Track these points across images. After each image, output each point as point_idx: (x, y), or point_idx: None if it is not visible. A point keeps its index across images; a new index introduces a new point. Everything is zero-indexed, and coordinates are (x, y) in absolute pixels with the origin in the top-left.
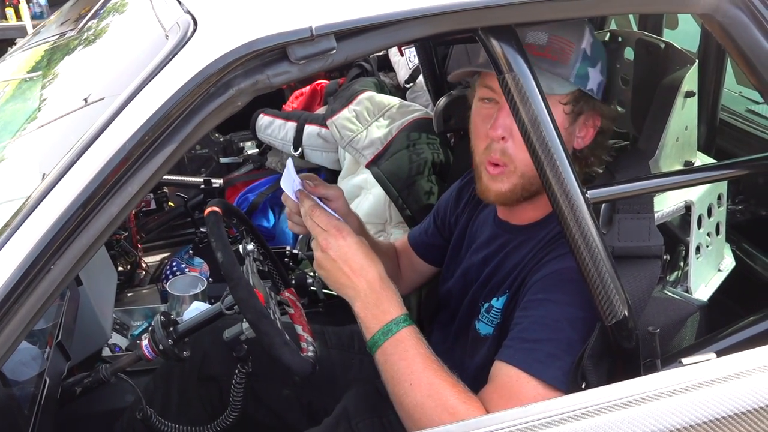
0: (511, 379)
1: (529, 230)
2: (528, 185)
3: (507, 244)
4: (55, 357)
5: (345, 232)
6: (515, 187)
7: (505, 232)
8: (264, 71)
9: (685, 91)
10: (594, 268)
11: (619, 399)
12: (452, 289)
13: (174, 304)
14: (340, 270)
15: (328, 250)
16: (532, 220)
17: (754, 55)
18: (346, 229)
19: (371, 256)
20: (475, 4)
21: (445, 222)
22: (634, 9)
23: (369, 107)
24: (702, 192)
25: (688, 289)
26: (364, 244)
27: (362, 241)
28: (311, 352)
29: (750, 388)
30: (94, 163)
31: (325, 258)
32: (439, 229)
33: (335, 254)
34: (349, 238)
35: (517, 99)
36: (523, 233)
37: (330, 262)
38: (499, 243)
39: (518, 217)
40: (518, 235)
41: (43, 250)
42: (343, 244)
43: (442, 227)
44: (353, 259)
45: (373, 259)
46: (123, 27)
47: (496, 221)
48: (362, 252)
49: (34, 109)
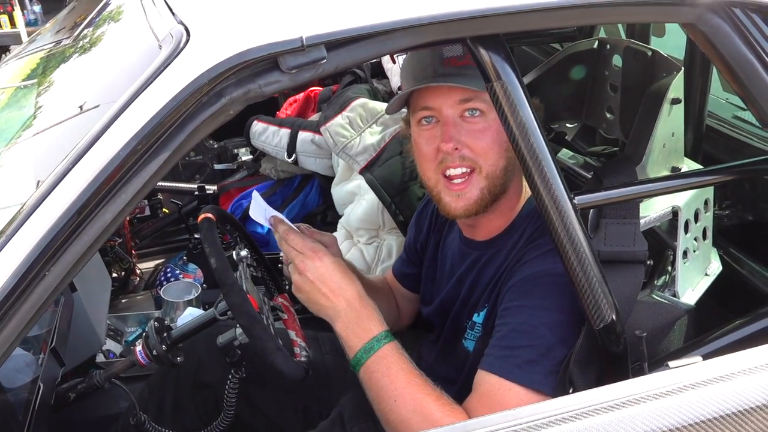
0: (493, 387)
1: (496, 243)
2: (493, 186)
3: (478, 260)
4: (49, 363)
5: (321, 253)
6: (483, 191)
7: (474, 250)
8: (256, 80)
9: (671, 98)
10: (582, 272)
11: (607, 401)
12: (432, 315)
13: (168, 310)
14: (319, 291)
15: (306, 272)
16: (496, 231)
17: (735, 63)
18: (322, 251)
19: (348, 276)
20: (464, 14)
21: (414, 251)
22: (622, 19)
23: (362, 114)
24: (689, 197)
25: (675, 293)
26: (341, 264)
27: (338, 261)
28: (304, 357)
29: (736, 390)
30: (89, 170)
31: (303, 280)
32: (411, 259)
33: (312, 276)
34: (325, 259)
35: (506, 107)
36: (491, 246)
37: (308, 284)
38: (470, 261)
39: (483, 232)
40: (487, 250)
41: (38, 256)
42: (320, 265)
43: (413, 256)
44: (331, 279)
45: (351, 278)
46: (117, 36)
47: (463, 241)
48: (339, 272)
49: (29, 116)
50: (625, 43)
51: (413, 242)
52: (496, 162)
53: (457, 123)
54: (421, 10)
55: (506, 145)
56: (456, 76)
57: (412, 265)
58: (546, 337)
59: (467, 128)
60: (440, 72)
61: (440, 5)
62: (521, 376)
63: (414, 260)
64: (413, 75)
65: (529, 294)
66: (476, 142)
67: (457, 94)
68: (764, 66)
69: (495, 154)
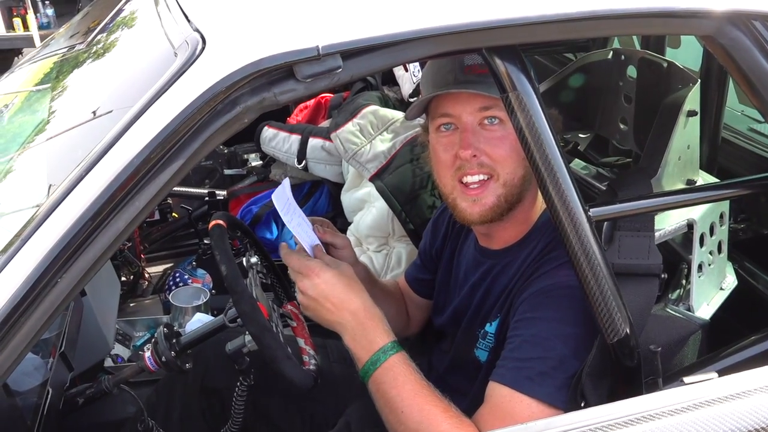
0: (504, 399)
1: (510, 252)
2: (510, 195)
3: (492, 270)
4: (59, 367)
5: (317, 269)
6: (499, 199)
7: (488, 258)
8: (271, 89)
9: (687, 110)
10: (596, 285)
11: (620, 417)
12: (445, 323)
13: (176, 315)
14: (323, 308)
15: (306, 291)
16: (511, 241)
17: (755, 77)
18: (318, 267)
19: (352, 287)
20: (481, 24)
21: (429, 257)
22: (639, 31)
23: (373, 121)
24: (704, 210)
25: (690, 307)
26: (344, 276)
27: (340, 273)
28: (313, 366)
29: (751, 408)
30: (103, 177)
31: (306, 299)
32: (425, 265)
33: (314, 293)
34: (323, 275)
35: (521, 117)
36: (505, 256)
37: (312, 302)
38: (484, 270)
39: (498, 241)
40: (501, 259)
41: (51, 262)
42: (319, 282)
43: (428, 262)
44: (332, 294)
45: (355, 290)
46: (131, 42)
47: (477, 249)
48: (341, 285)
49: (42, 120)
50: (640, 54)
51: (429, 248)
52: (514, 170)
53: (476, 130)
54: (437, 20)
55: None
56: (476, 84)
57: (427, 271)
58: (558, 350)
59: (486, 136)
60: (461, 79)
61: (456, 16)
62: (533, 388)
63: (429, 266)
64: (433, 82)
65: (543, 306)
66: (495, 150)
67: (477, 101)
68: None
69: (513, 162)
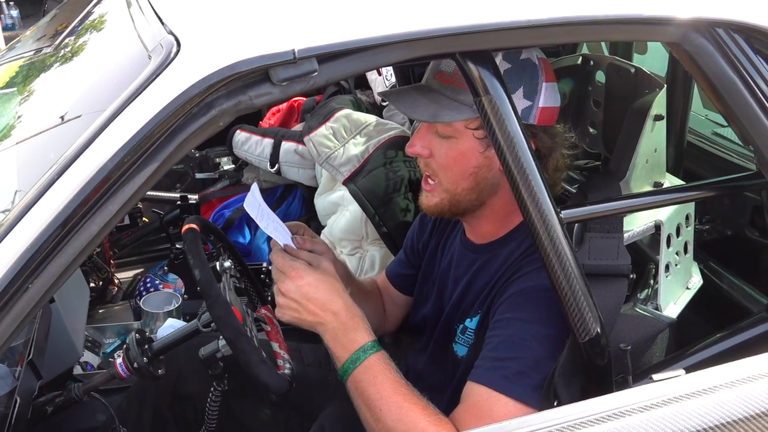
0: (482, 398)
1: (493, 248)
2: (455, 203)
3: (474, 264)
4: (26, 375)
5: (301, 271)
6: (442, 202)
7: (471, 252)
8: (246, 92)
9: (654, 115)
10: (567, 286)
11: (592, 414)
12: (427, 315)
13: (148, 321)
14: (305, 309)
15: (289, 293)
16: (493, 237)
17: (719, 82)
18: (302, 268)
19: (334, 288)
20: (454, 29)
21: (415, 251)
22: (609, 37)
23: (346, 125)
24: (671, 212)
25: (658, 306)
26: (326, 276)
27: (323, 273)
28: (288, 370)
29: (717, 403)
30: (75, 181)
31: (287, 301)
32: (410, 260)
33: (296, 296)
34: (307, 277)
35: (493, 121)
36: (487, 252)
37: (294, 304)
38: (467, 263)
39: (479, 235)
40: (483, 254)
41: (21, 268)
42: (303, 284)
43: (413, 257)
44: (315, 296)
45: (337, 290)
46: (102, 45)
47: (462, 241)
48: (324, 286)
49: (7, 126)
50: (609, 60)
51: (415, 242)
52: (457, 182)
53: (426, 134)
54: (412, 25)
55: (474, 169)
56: (430, 93)
57: (410, 266)
58: (535, 350)
59: (436, 141)
60: (428, 82)
61: (430, 21)
62: (510, 387)
63: (413, 261)
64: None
65: (522, 307)
66: (438, 158)
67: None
68: (746, 85)
69: (455, 174)
